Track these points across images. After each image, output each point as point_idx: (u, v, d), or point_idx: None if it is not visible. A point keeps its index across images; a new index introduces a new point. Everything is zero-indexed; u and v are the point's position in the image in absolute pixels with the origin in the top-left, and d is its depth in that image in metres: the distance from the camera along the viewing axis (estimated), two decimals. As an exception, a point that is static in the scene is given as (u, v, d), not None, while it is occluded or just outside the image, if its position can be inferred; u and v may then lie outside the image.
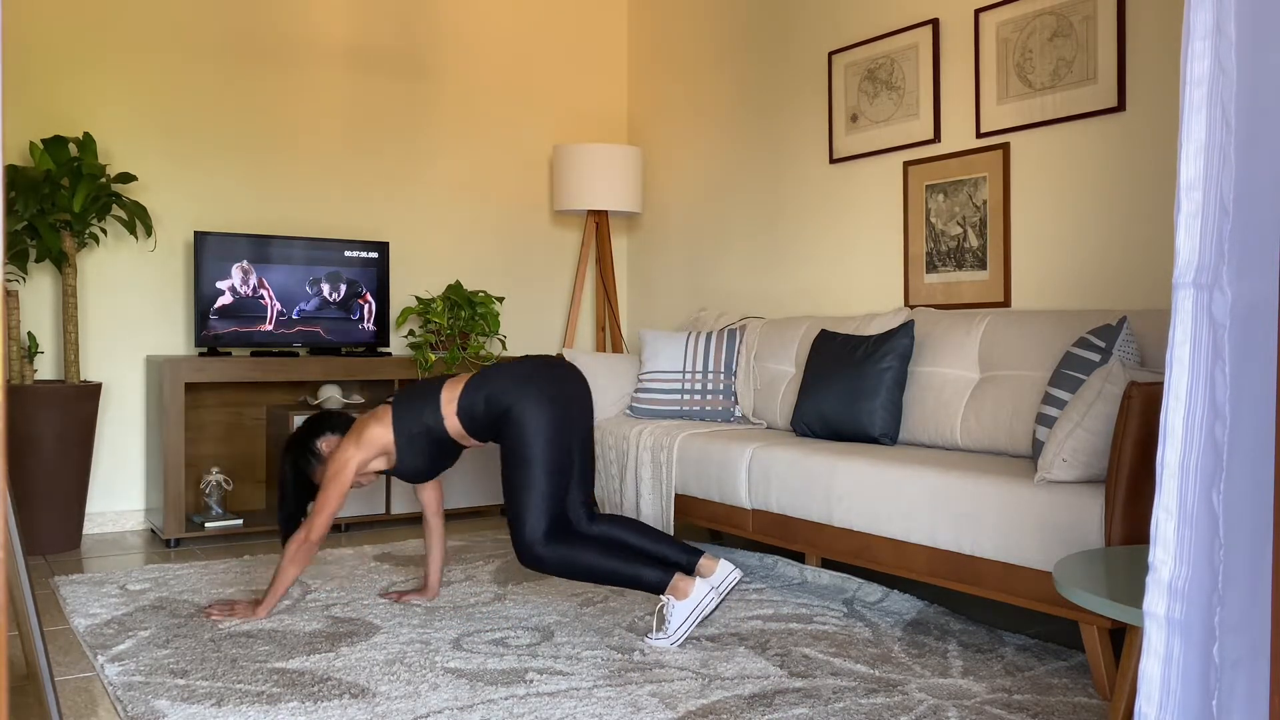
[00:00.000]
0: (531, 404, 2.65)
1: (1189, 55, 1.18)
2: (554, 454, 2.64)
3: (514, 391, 2.67)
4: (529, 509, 2.61)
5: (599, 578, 2.61)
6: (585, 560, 2.59)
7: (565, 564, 2.60)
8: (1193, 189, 1.18)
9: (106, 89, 4.19)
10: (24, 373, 3.87)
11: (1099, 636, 2.25)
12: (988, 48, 3.56)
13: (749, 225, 4.67)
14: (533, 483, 2.61)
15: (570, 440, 2.68)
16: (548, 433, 2.64)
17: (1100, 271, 3.24)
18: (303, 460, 2.86)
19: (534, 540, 2.59)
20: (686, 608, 2.57)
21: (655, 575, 2.60)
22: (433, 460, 2.82)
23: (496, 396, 2.69)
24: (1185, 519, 1.18)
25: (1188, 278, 1.18)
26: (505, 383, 2.70)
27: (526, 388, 2.67)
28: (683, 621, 2.56)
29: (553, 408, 2.66)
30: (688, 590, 2.58)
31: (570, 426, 2.69)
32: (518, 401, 2.65)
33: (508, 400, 2.67)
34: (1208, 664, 1.16)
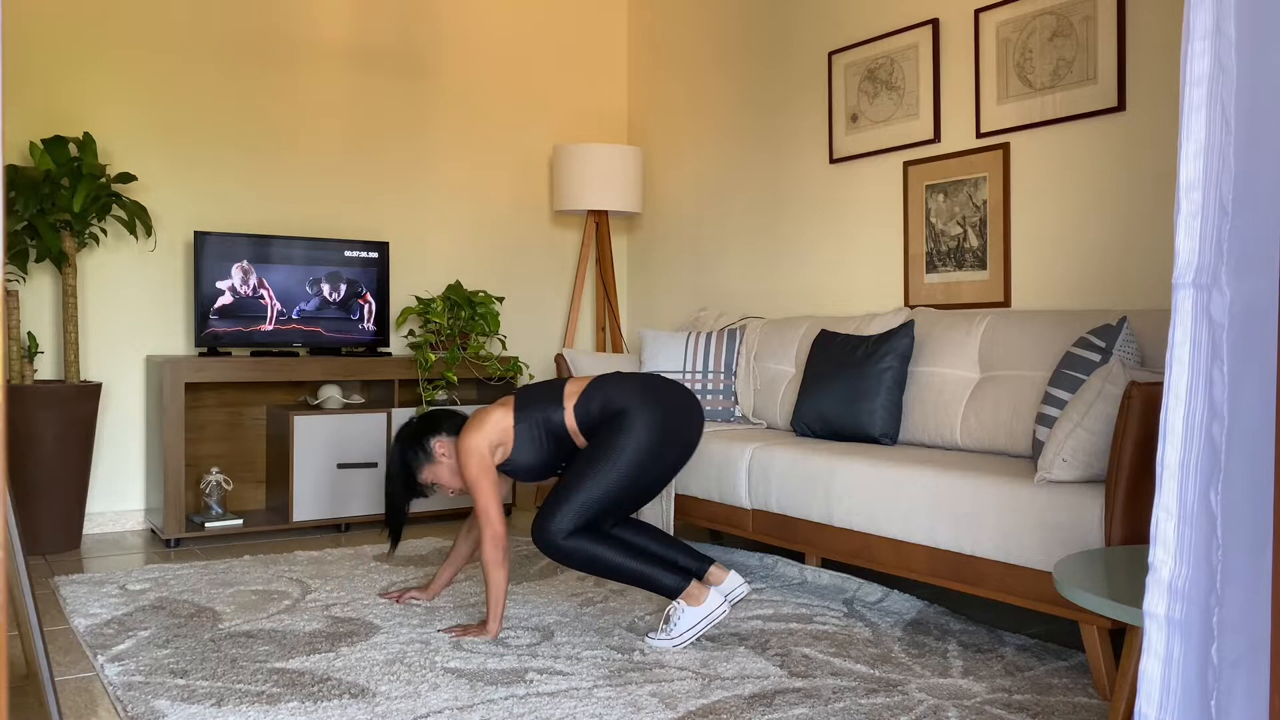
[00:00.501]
0: (645, 418, 2.63)
1: (1189, 55, 1.18)
2: (631, 476, 2.61)
3: (635, 401, 2.65)
4: (569, 508, 2.58)
5: (614, 575, 2.60)
6: (603, 558, 2.59)
7: (582, 558, 2.59)
8: (1192, 189, 1.18)
9: (106, 89, 4.19)
10: (24, 373, 3.87)
11: (1099, 636, 2.25)
12: (988, 48, 3.56)
13: (749, 225, 4.67)
14: (592, 491, 2.59)
15: (658, 470, 2.65)
16: (642, 455, 2.61)
17: (1100, 271, 3.24)
18: (412, 456, 2.81)
19: (557, 534, 2.57)
20: (697, 614, 2.57)
21: (672, 580, 2.60)
22: (547, 456, 2.76)
23: (615, 399, 2.67)
24: (1185, 519, 1.18)
25: (1187, 278, 1.18)
26: (630, 389, 2.68)
27: (650, 405, 2.65)
28: (690, 626, 2.56)
29: (662, 431, 2.63)
30: (701, 597, 2.58)
31: (667, 457, 2.66)
32: (634, 411, 2.63)
33: (624, 404, 2.64)
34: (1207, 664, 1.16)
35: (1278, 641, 1.07)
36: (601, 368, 4.19)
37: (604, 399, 2.69)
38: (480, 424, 2.71)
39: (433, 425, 2.84)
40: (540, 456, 2.76)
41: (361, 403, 4.44)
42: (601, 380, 2.75)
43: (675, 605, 2.59)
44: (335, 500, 4.17)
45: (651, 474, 2.65)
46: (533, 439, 2.74)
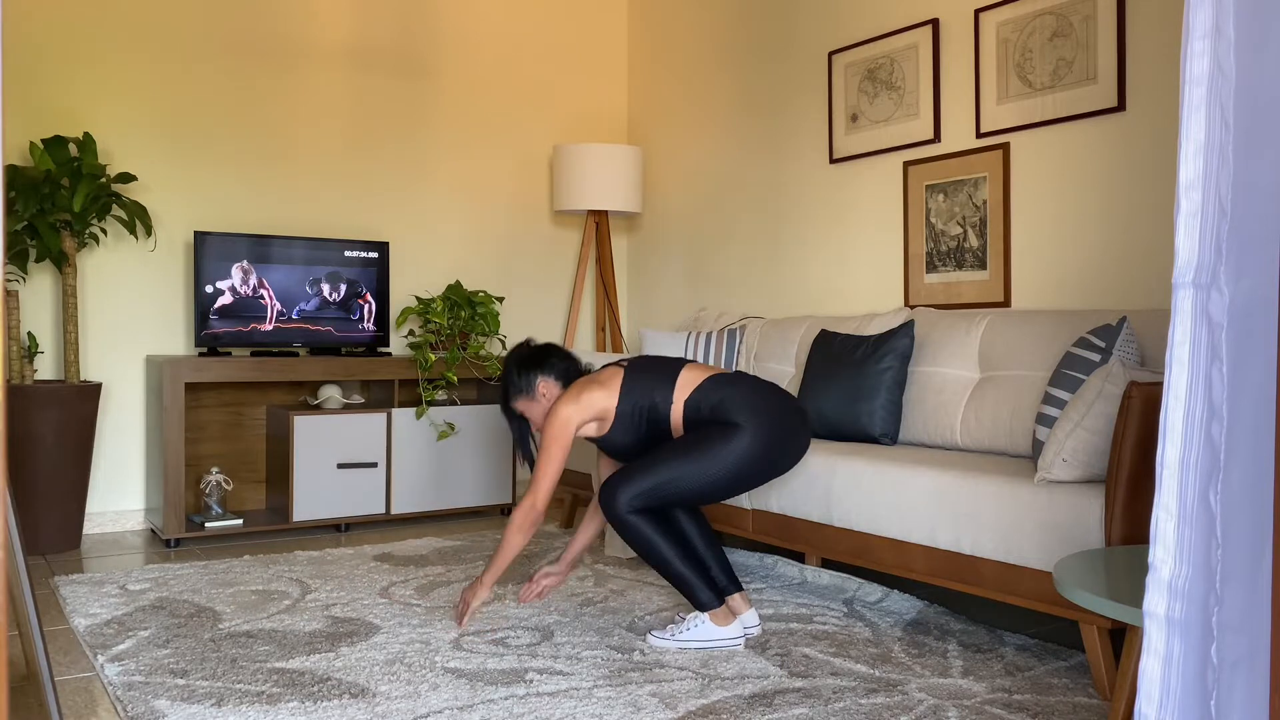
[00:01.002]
0: (755, 440, 2.57)
1: (1188, 55, 1.18)
2: (716, 483, 2.58)
3: (753, 418, 2.58)
4: (644, 487, 2.54)
5: (657, 565, 2.59)
6: (656, 548, 2.56)
7: (638, 537, 2.56)
8: (1192, 189, 1.18)
9: (106, 89, 4.19)
10: (24, 373, 3.87)
11: (1099, 636, 2.25)
12: (988, 48, 3.56)
13: (749, 225, 4.67)
14: (673, 483, 2.55)
15: (743, 484, 2.62)
16: (738, 470, 2.57)
17: (1100, 271, 3.24)
18: (514, 381, 2.78)
19: (623, 505, 2.54)
20: (714, 633, 2.56)
21: (707, 596, 2.58)
22: (639, 440, 2.70)
23: (730, 408, 2.60)
24: (1185, 518, 1.18)
25: (1187, 277, 1.18)
26: (749, 402, 2.60)
27: (765, 420, 2.59)
28: (703, 641, 2.56)
29: (765, 456, 2.60)
30: (726, 620, 2.58)
31: (757, 476, 2.63)
32: (747, 427, 2.57)
33: (739, 419, 2.58)
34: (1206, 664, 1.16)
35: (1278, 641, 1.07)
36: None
37: (719, 402, 2.62)
38: (579, 397, 2.65)
39: (545, 362, 2.77)
40: (633, 440, 2.70)
41: (361, 403, 4.44)
42: (723, 380, 2.66)
43: (698, 616, 2.58)
44: (335, 500, 4.17)
45: (733, 488, 2.62)
46: (632, 423, 2.67)
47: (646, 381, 2.68)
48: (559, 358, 2.80)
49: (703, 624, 2.56)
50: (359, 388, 4.62)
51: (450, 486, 4.45)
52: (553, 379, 2.77)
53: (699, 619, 2.57)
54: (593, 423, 2.69)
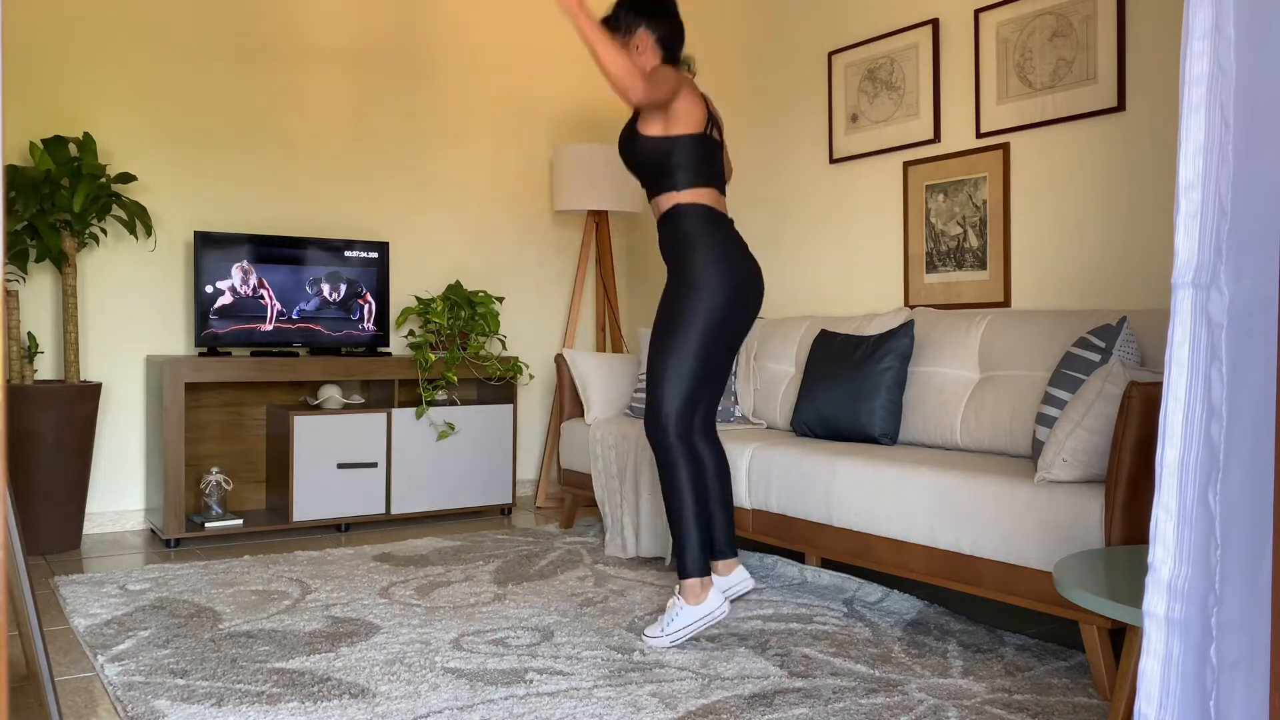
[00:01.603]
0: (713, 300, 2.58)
1: (1188, 55, 1.18)
2: (708, 340, 2.61)
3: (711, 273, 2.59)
4: (667, 399, 2.59)
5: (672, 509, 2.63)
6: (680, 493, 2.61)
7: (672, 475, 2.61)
8: (1191, 189, 1.18)
9: (106, 89, 4.19)
10: (24, 373, 3.87)
11: (1099, 636, 2.25)
12: (988, 48, 3.56)
13: (749, 225, 4.67)
14: (679, 368, 2.59)
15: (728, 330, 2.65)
16: (706, 337, 2.60)
17: (1100, 271, 3.24)
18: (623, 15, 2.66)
19: (668, 426, 2.60)
20: (693, 614, 2.57)
21: (695, 555, 2.62)
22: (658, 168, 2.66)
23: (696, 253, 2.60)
24: (1185, 519, 1.18)
25: (1186, 277, 1.18)
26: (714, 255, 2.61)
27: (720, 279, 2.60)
28: (684, 626, 2.57)
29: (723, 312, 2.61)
30: (701, 597, 2.58)
31: (735, 326, 2.66)
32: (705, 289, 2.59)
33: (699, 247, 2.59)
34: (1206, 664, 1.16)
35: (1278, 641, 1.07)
36: (602, 367, 4.19)
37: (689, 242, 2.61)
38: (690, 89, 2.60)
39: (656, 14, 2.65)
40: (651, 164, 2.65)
41: (361, 403, 4.44)
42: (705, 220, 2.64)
43: (674, 601, 2.59)
44: (335, 500, 4.17)
45: (718, 335, 2.65)
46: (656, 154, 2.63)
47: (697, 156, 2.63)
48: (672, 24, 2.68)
49: (681, 609, 2.58)
50: (359, 388, 4.62)
51: (450, 486, 4.45)
52: (655, 39, 2.66)
53: (677, 605, 2.59)
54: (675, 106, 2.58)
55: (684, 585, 2.61)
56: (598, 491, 3.86)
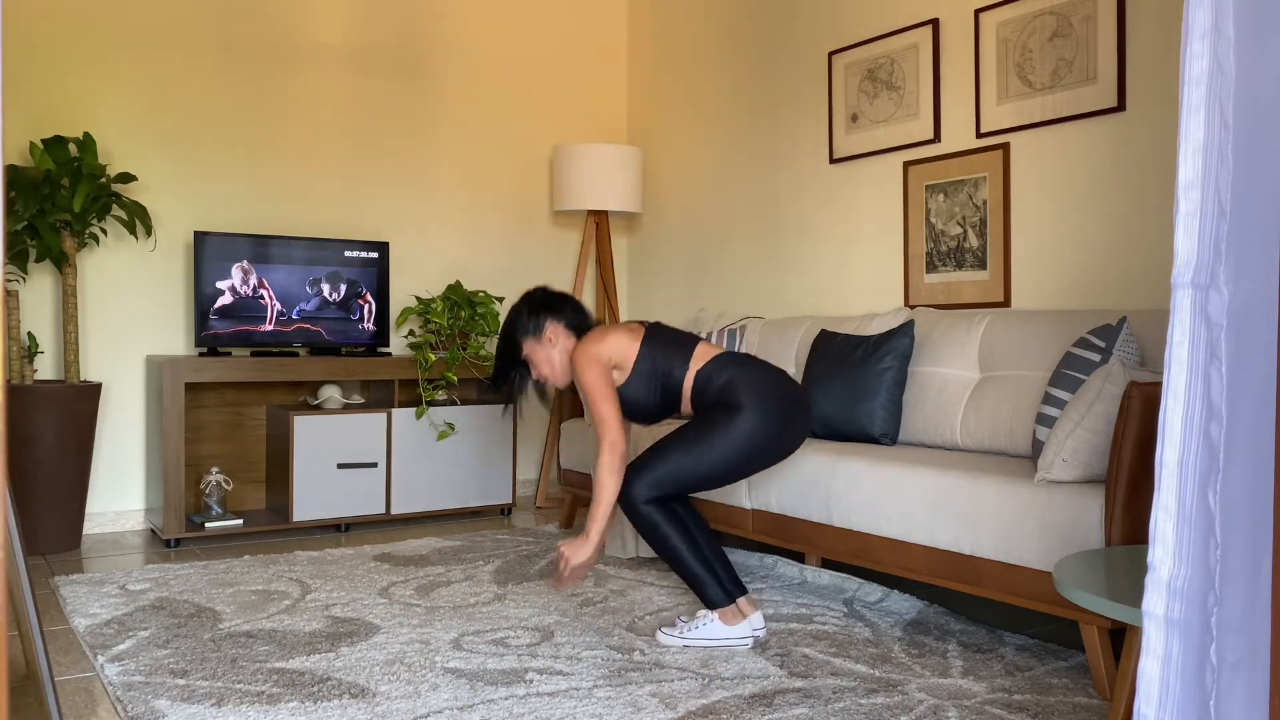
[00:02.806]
0: (759, 422, 2.59)
1: (1187, 55, 1.18)
2: (729, 467, 2.60)
3: (756, 399, 2.60)
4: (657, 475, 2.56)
5: (671, 559, 2.59)
6: (671, 542, 2.57)
7: (652, 529, 2.57)
8: (1191, 189, 1.18)
9: (106, 89, 4.19)
10: (24, 373, 3.87)
11: (1099, 636, 2.25)
12: (988, 48, 3.56)
13: (749, 225, 4.67)
14: (683, 467, 2.57)
15: (750, 466, 2.64)
16: (746, 451, 2.59)
17: (1100, 271, 3.24)
18: (523, 323, 2.75)
19: (638, 496, 2.56)
20: (723, 632, 2.57)
21: (718, 594, 2.58)
22: (651, 401, 2.71)
23: (738, 388, 2.61)
24: (1184, 519, 1.18)
25: (1186, 277, 1.18)
26: (753, 381, 2.62)
27: (769, 405, 2.60)
28: (711, 640, 2.56)
29: (769, 438, 2.61)
30: (735, 620, 2.58)
31: (763, 459, 2.65)
32: (751, 409, 2.59)
33: (745, 400, 2.60)
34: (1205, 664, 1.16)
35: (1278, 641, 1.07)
36: (601, 368, 4.19)
37: (726, 381, 2.63)
38: (603, 338, 2.66)
39: (556, 307, 2.76)
40: (645, 398, 2.70)
41: (361, 403, 4.44)
42: (731, 359, 2.68)
43: (708, 614, 2.58)
44: (335, 500, 4.17)
45: (741, 470, 2.64)
46: (648, 381, 2.68)
47: (666, 345, 2.70)
48: (571, 309, 2.77)
49: (712, 622, 2.57)
50: (359, 388, 4.62)
51: (450, 486, 4.45)
52: (563, 326, 2.75)
53: (709, 617, 2.57)
54: (615, 370, 2.68)
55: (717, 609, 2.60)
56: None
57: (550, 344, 2.74)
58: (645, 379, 2.69)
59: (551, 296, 2.78)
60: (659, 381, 2.69)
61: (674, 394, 2.71)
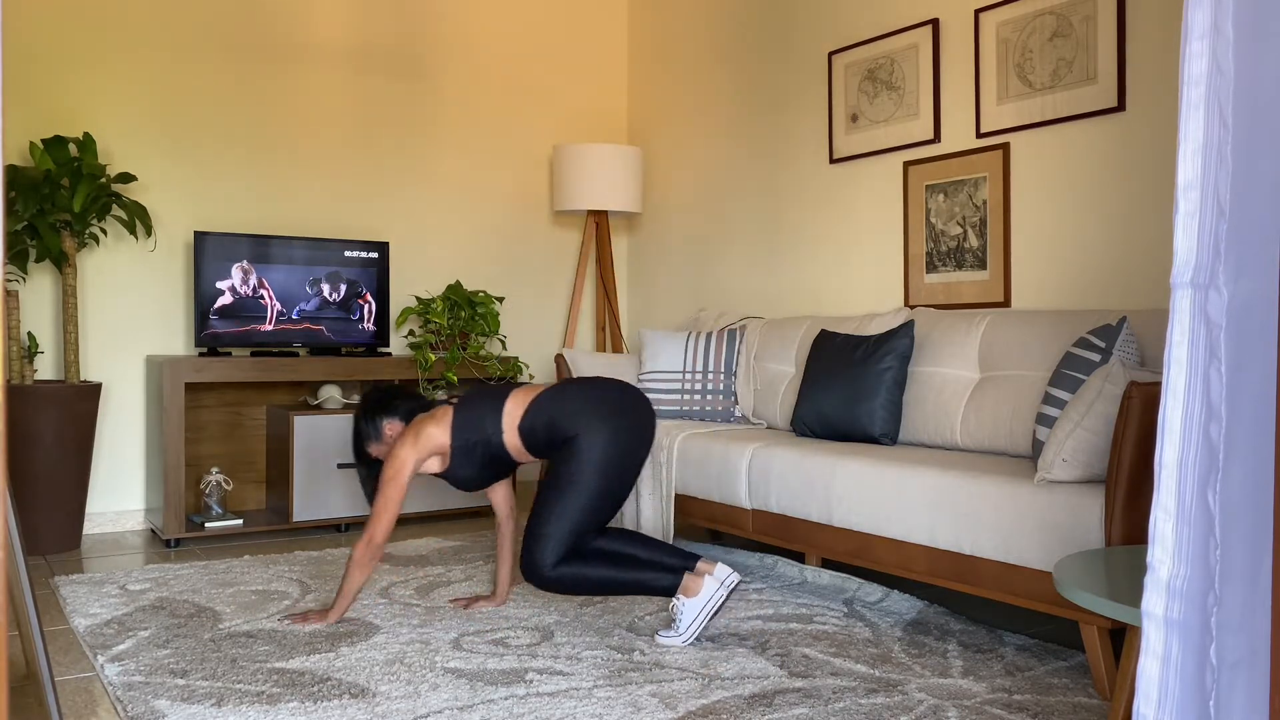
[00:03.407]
0: (598, 438, 2.61)
1: (1187, 55, 1.18)
2: (602, 492, 2.62)
3: (582, 421, 2.62)
4: (551, 538, 2.58)
5: (609, 589, 2.60)
6: (594, 575, 2.58)
7: (574, 582, 2.58)
8: (1190, 189, 1.18)
9: (106, 89, 4.19)
10: (24, 373, 3.87)
11: (1099, 636, 2.25)
12: (988, 48, 3.56)
13: (749, 225, 4.67)
14: (568, 514, 2.59)
15: (626, 478, 2.66)
16: (606, 471, 2.61)
17: (1100, 271, 3.24)
18: (365, 428, 2.85)
19: (544, 566, 2.58)
20: (698, 604, 2.57)
21: (666, 580, 2.60)
22: (485, 471, 2.78)
23: (561, 423, 2.64)
24: (1183, 518, 1.18)
25: (1185, 277, 1.18)
26: (574, 408, 2.65)
27: (595, 420, 2.63)
28: (694, 618, 2.57)
29: (617, 444, 2.63)
30: (697, 588, 2.58)
31: (630, 464, 2.66)
32: (585, 433, 2.61)
33: (574, 429, 2.62)
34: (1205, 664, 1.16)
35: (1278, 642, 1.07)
36: (601, 368, 4.20)
37: (549, 420, 2.66)
38: (416, 437, 2.71)
39: (388, 407, 2.86)
40: (476, 472, 2.77)
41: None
42: (545, 398, 2.70)
43: (676, 601, 2.59)
44: (335, 500, 4.17)
45: (620, 485, 2.66)
46: (470, 459, 2.74)
47: (474, 416, 2.73)
48: (403, 399, 2.88)
49: (684, 605, 2.58)
50: (359, 388, 4.62)
51: (450, 487, 4.44)
52: (398, 420, 2.85)
53: (680, 604, 2.58)
54: (434, 459, 2.76)
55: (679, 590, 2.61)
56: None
57: (391, 440, 2.84)
58: (467, 455, 2.73)
59: (381, 395, 2.88)
60: (481, 452, 2.73)
61: (502, 456, 2.74)
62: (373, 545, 2.68)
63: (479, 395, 2.77)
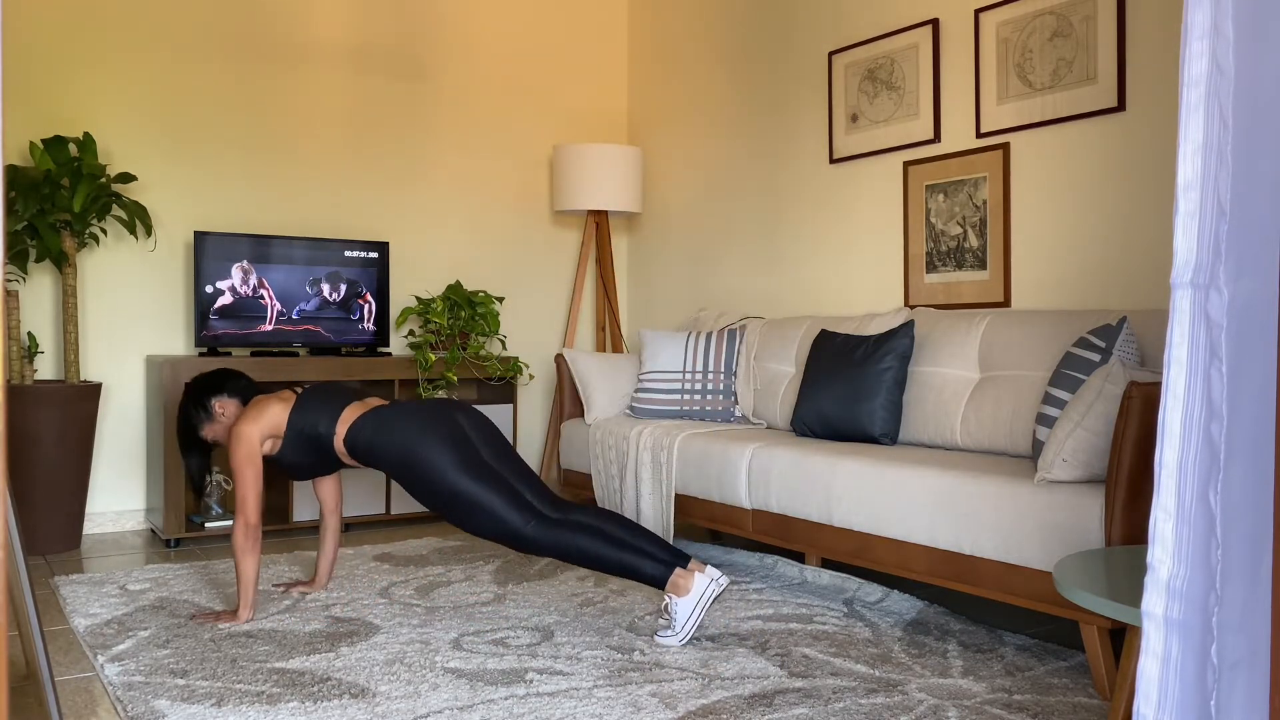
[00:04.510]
0: (430, 446, 2.70)
1: (1187, 55, 1.18)
2: (472, 475, 2.67)
3: (411, 439, 2.72)
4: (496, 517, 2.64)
5: (596, 563, 2.62)
6: (578, 544, 2.62)
7: (559, 545, 2.63)
8: (1190, 189, 1.18)
9: (106, 89, 4.19)
10: (24, 373, 3.87)
11: (1099, 636, 2.25)
12: (988, 48, 3.56)
13: (749, 225, 4.67)
14: (478, 499, 2.65)
15: (481, 461, 2.72)
16: (456, 464, 2.68)
17: (1100, 271, 3.24)
18: (194, 412, 2.94)
19: (519, 527, 2.63)
20: (690, 602, 2.57)
21: (655, 569, 2.60)
22: (310, 463, 2.88)
23: (389, 444, 2.73)
24: (1183, 519, 1.18)
25: (1185, 277, 1.18)
26: (398, 430, 2.74)
27: (421, 435, 2.72)
28: (689, 616, 2.56)
29: (451, 442, 2.71)
30: (688, 586, 2.58)
31: (474, 453, 2.73)
32: (417, 448, 2.70)
33: (407, 446, 2.71)
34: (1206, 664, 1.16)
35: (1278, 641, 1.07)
36: (602, 367, 4.20)
37: (374, 443, 2.75)
38: (258, 414, 2.81)
39: (217, 385, 2.94)
40: (303, 460, 2.87)
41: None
42: (373, 421, 2.78)
43: (668, 600, 2.59)
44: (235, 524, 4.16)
45: (482, 457, 2.73)
46: (300, 444, 2.83)
47: (314, 410, 2.84)
48: (231, 379, 2.97)
49: (677, 604, 2.57)
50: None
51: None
52: (227, 397, 2.94)
53: (672, 603, 2.58)
54: (269, 439, 2.84)
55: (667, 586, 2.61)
56: (598, 491, 3.86)
57: (224, 416, 2.93)
58: (297, 442, 2.83)
59: (208, 377, 2.96)
60: (310, 444, 2.83)
61: (328, 454, 2.85)
62: (250, 528, 2.74)
63: (326, 391, 2.90)
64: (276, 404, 2.84)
